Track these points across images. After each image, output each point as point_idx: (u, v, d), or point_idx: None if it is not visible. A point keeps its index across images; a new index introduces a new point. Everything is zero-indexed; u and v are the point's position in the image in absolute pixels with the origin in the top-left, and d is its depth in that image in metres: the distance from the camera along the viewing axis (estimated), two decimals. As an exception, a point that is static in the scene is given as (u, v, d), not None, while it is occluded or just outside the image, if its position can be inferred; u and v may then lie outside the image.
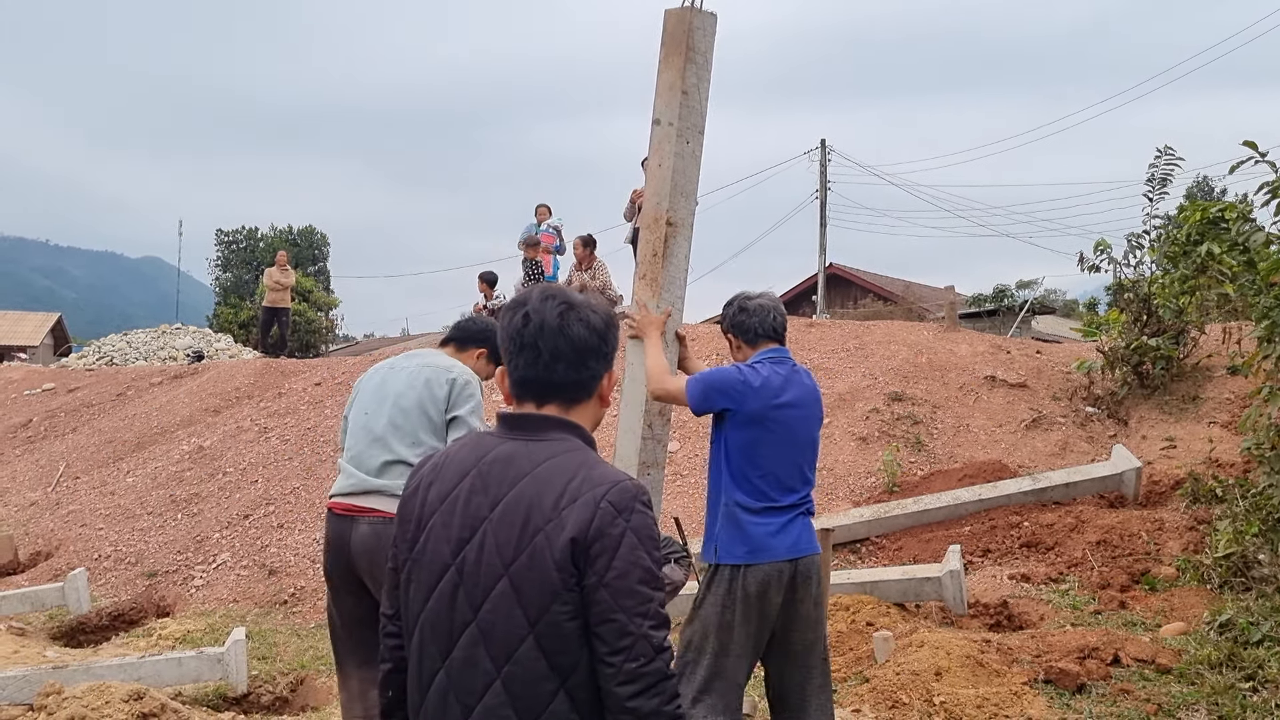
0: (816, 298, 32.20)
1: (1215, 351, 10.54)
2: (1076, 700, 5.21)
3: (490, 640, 1.98)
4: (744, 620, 3.77)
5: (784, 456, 3.86)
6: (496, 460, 2.07)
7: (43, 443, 14.44)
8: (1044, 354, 12.50)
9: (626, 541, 1.98)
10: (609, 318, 2.18)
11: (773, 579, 3.76)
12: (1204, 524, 7.59)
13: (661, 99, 4.12)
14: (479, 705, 1.98)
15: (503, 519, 2.01)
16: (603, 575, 1.96)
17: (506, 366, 2.16)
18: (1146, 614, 6.49)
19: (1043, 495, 8.54)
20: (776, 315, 4.06)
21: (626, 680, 1.96)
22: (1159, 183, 10.40)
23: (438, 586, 2.04)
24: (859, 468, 9.83)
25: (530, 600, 1.96)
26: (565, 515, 1.98)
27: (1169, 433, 9.77)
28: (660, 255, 4.13)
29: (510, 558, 1.98)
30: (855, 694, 5.46)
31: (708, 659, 3.79)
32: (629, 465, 4.15)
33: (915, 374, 11.55)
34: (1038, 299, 29.75)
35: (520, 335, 2.10)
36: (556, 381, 2.11)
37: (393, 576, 2.16)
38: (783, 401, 3.86)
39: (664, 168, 4.11)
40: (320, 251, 48.01)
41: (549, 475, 2.03)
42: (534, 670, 1.97)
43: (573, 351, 2.09)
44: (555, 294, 2.13)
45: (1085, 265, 10.91)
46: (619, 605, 1.96)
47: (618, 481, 2.03)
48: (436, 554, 2.05)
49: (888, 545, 8.34)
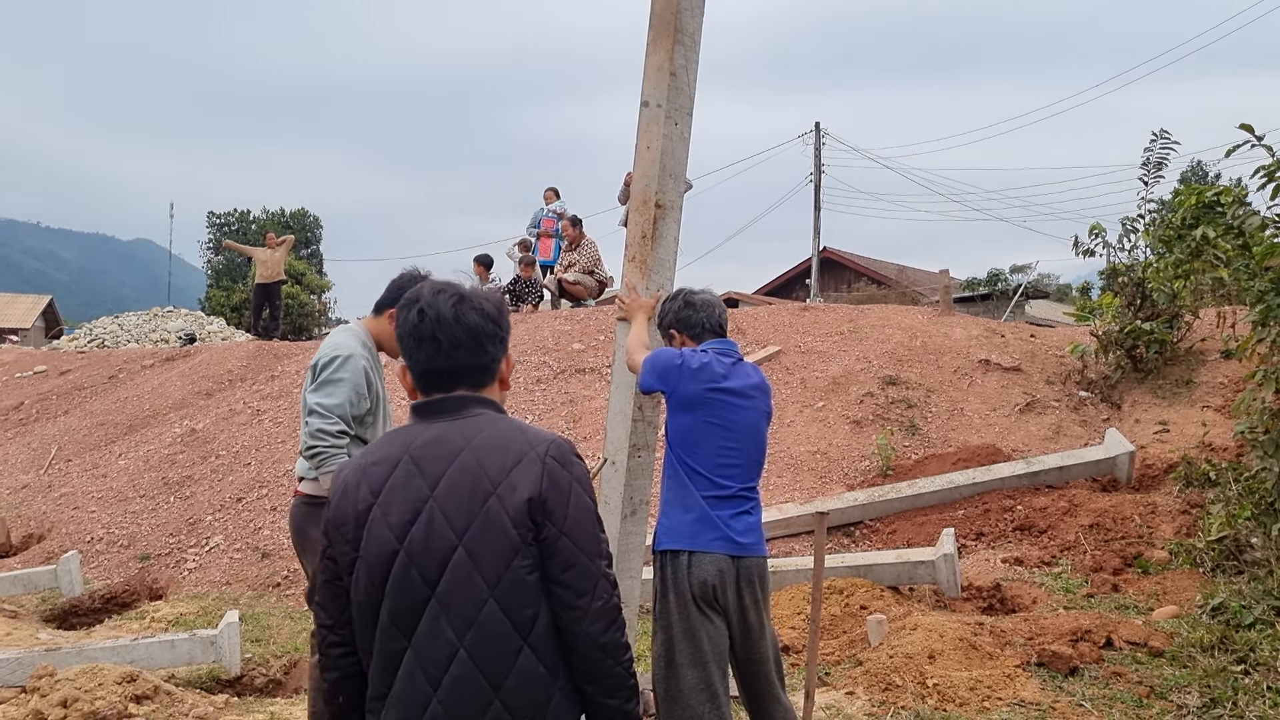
0: (810, 281, 32.20)
1: (1209, 336, 10.56)
2: (1069, 683, 5.23)
3: (450, 610, 2.07)
4: (699, 613, 3.65)
5: (724, 444, 3.74)
6: (427, 444, 2.17)
7: (35, 425, 14.39)
8: (1038, 338, 12.50)
9: (575, 491, 2.15)
10: (500, 304, 2.34)
11: (721, 570, 3.65)
12: (1197, 508, 7.61)
13: (649, 81, 4.10)
14: (446, 677, 2.07)
15: (448, 493, 2.11)
16: (562, 525, 2.12)
17: (408, 363, 2.27)
18: (1139, 597, 6.51)
19: (1036, 479, 8.56)
20: (721, 311, 4.02)
21: (596, 618, 2.13)
22: (1154, 167, 10.38)
23: (390, 573, 2.10)
24: (853, 451, 9.83)
25: (488, 563, 2.07)
26: (514, 477, 2.11)
27: (1162, 416, 9.78)
28: (649, 237, 4.12)
29: (463, 526, 2.09)
30: (849, 677, 5.47)
31: (676, 671, 3.68)
32: (619, 448, 4.14)
33: (909, 358, 11.54)
34: (1032, 283, 29.77)
35: (418, 330, 2.22)
36: (459, 368, 2.23)
37: (331, 587, 2.20)
38: (724, 387, 3.76)
39: (652, 149, 4.09)
40: (313, 234, 47.90)
41: (487, 444, 2.15)
42: (498, 631, 2.08)
43: (470, 338, 2.22)
44: (445, 288, 2.27)
45: (1080, 249, 10.90)
46: (581, 550, 2.13)
47: (553, 439, 2.20)
48: (382, 543, 2.11)
49: (881, 529, 8.36)
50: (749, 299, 20.63)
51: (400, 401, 11.96)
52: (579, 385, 11.52)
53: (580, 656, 2.14)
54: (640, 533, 4.24)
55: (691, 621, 3.65)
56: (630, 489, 4.16)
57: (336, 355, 4.17)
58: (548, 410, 11.28)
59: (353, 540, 2.14)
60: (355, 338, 4.32)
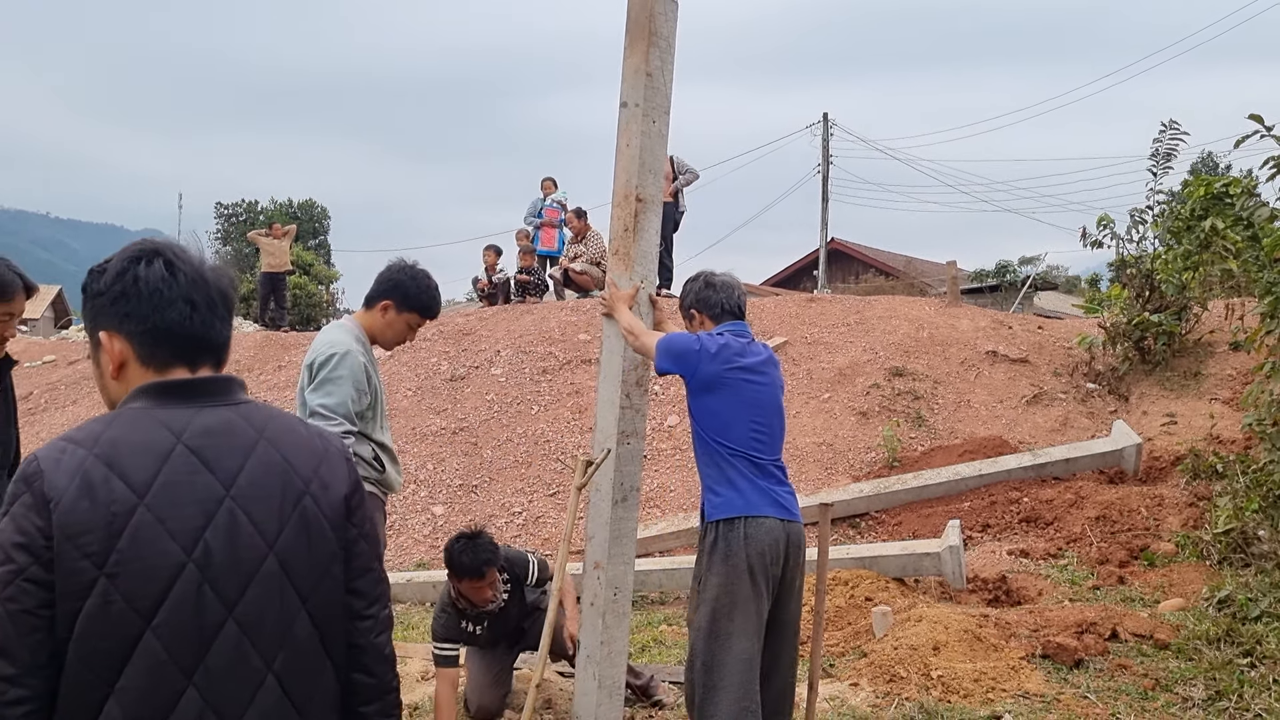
0: (818, 273, 32.13)
1: (1218, 327, 10.52)
2: (1074, 675, 5.22)
3: (258, 632, 1.71)
4: (750, 585, 3.73)
5: (753, 421, 3.87)
6: (208, 433, 1.74)
7: (43, 415, 14.44)
8: (1045, 330, 12.47)
9: (362, 487, 1.91)
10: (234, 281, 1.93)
11: (775, 536, 3.77)
12: (1204, 500, 7.59)
13: (628, 82, 4.26)
14: (248, 712, 1.70)
15: (252, 494, 1.74)
16: (361, 526, 1.87)
17: (135, 326, 1.78)
18: (1145, 590, 6.50)
19: (1043, 471, 8.54)
20: (740, 293, 4.19)
21: (384, 628, 1.90)
22: (1163, 158, 10.33)
23: (170, 591, 1.64)
24: (859, 443, 9.81)
25: (303, 573, 1.77)
26: (324, 473, 1.83)
27: (1170, 409, 9.75)
28: (631, 230, 4.27)
29: (275, 532, 1.74)
30: (854, 668, 5.47)
31: (720, 642, 3.74)
32: (608, 436, 4.21)
33: (916, 349, 11.52)
34: (1040, 275, 29.66)
35: (166, 287, 1.78)
36: (215, 339, 1.84)
37: (24, 620, 1.58)
38: (744, 365, 3.90)
39: (632, 147, 4.25)
40: (321, 225, 47.88)
41: (282, 436, 1.82)
42: (308, 650, 1.78)
43: (224, 306, 1.85)
44: (179, 246, 1.85)
45: (1088, 241, 10.86)
46: (375, 553, 1.91)
47: (322, 430, 1.94)
48: (158, 555, 1.64)
49: (887, 520, 8.35)
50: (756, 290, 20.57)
51: (405, 393, 11.98)
52: (585, 376, 11.51)
53: (366, 673, 1.87)
54: (631, 519, 4.28)
55: (744, 592, 3.73)
56: (620, 475, 4.23)
57: (334, 352, 4.09)
58: (553, 401, 11.29)
59: (96, 554, 1.60)
60: (349, 333, 4.27)
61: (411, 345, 8.61)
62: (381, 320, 4.31)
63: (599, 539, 4.22)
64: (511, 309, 14.74)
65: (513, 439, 10.62)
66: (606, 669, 4.22)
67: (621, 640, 4.30)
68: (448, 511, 9.48)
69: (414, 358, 12.87)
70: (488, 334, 13.35)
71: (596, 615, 4.21)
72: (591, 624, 4.23)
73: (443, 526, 9.20)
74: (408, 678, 5.75)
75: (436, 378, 12.36)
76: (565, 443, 10.38)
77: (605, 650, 4.21)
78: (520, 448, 10.35)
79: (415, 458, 10.42)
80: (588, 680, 4.24)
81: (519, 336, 12.96)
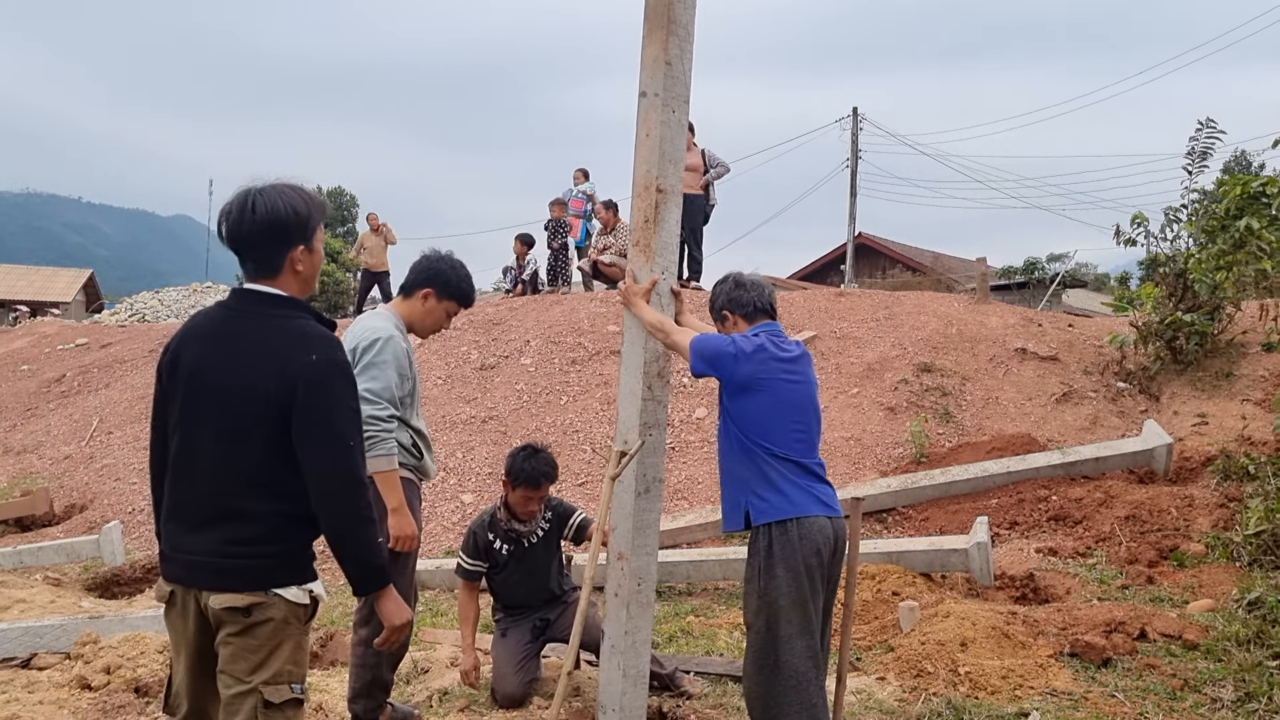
0: (845, 267, 32.05)
1: (1251, 328, 10.43)
2: (1102, 674, 5.22)
3: None
4: (809, 585, 3.77)
5: (793, 421, 3.89)
6: None
7: (76, 397, 14.63)
8: (1076, 327, 12.40)
9: None
10: None
11: (825, 534, 3.81)
12: (1234, 501, 7.55)
13: (646, 71, 4.24)
14: None
15: None
16: None
17: None
18: (1174, 590, 6.47)
19: (1072, 469, 8.51)
20: (770, 291, 4.18)
21: None
22: (1199, 156, 10.26)
23: None
24: (886, 438, 9.81)
25: None
26: None
27: (1201, 409, 9.69)
28: (652, 221, 4.25)
29: None
30: (880, 662, 5.49)
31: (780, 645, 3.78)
32: (630, 427, 4.24)
33: (945, 345, 11.48)
34: (1069, 272, 29.48)
35: None
36: None
37: None
38: (780, 364, 3.91)
39: (652, 137, 4.23)
40: (349, 212, 48.14)
41: None
42: None
43: None
44: None
45: (1121, 239, 10.79)
46: None
47: None
48: None
49: (914, 515, 8.35)
50: (784, 284, 20.56)
51: (436, 381, 12.05)
52: (614, 367, 11.56)
53: None
54: (654, 510, 4.32)
55: (802, 592, 3.76)
56: (643, 467, 4.25)
57: (377, 337, 4.18)
58: (583, 391, 11.34)
59: None
60: (389, 320, 4.36)
61: (442, 334, 8.70)
62: (421, 308, 4.41)
63: (622, 530, 4.26)
64: (541, 299, 14.81)
65: (541, 428, 10.68)
66: (631, 659, 4.26)
67: (645, 630, 4.34)
68: (477, 500, 9.55)
69: (444, 346, 12.96)
70: (517, 324, 13.42)
71: (621, 605, 4.25)
72: (616, 614, 4.27)
73: (471, 514, 9.27)
74: (437, 663, 5.82)
75: (466, 366, 12.44)
76: (594, 433, 10.43)
77: (629, 640, 4.25)
78: (549, 437, 10.40)
79: (445, 445, 10.50)
80: (612, 670, 4.28)
81: (548, 327, 13.02)
